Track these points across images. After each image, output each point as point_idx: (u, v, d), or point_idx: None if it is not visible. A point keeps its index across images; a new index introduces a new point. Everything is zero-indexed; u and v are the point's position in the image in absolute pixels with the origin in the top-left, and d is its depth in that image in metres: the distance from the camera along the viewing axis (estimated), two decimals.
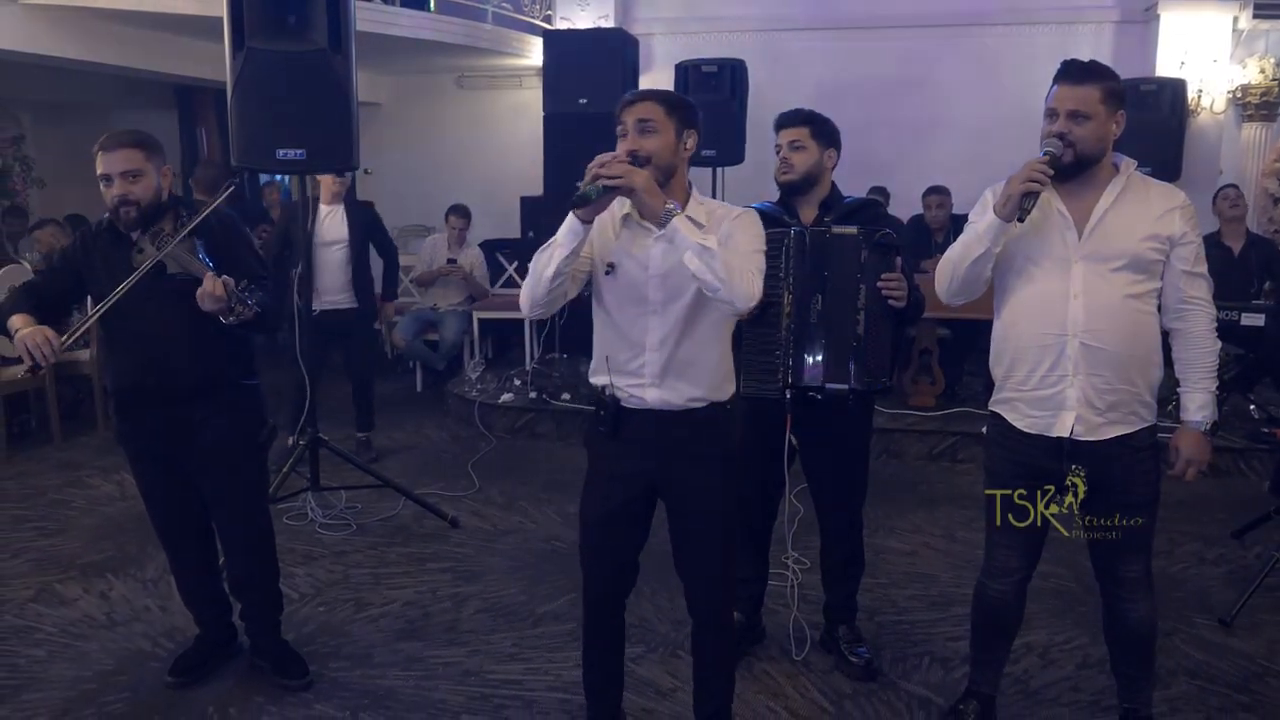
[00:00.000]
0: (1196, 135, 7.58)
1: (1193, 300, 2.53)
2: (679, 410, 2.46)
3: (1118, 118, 2.47)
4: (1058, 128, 2.46)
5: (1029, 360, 2.56)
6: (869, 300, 2.99)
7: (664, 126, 2.39)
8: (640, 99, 2.43)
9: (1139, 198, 2.50)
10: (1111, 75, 2.48)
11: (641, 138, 2.38)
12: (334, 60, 4.02)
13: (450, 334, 7.09)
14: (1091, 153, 2.46)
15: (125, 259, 2.85)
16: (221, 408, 2.99)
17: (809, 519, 3.53)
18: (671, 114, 2.40)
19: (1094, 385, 2.49)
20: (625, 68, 6.95)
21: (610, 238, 2.47)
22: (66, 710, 3.03)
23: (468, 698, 3.13)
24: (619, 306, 2.47)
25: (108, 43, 6.50)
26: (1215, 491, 5.06)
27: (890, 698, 3.13)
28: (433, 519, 4.58)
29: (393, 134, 9.07)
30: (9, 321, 2.84)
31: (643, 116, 2.39)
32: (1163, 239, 2.48)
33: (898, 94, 8.10)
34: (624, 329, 2.47)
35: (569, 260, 2.35)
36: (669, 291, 2.42)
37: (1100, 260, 2.47)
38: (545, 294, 2.39)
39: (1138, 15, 7.89)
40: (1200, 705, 3.10)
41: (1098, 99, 2.43)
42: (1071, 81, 2.45)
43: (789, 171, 3.08)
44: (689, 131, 2.43)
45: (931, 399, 5.92)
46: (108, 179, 2.84)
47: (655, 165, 2.37)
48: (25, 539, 4.40)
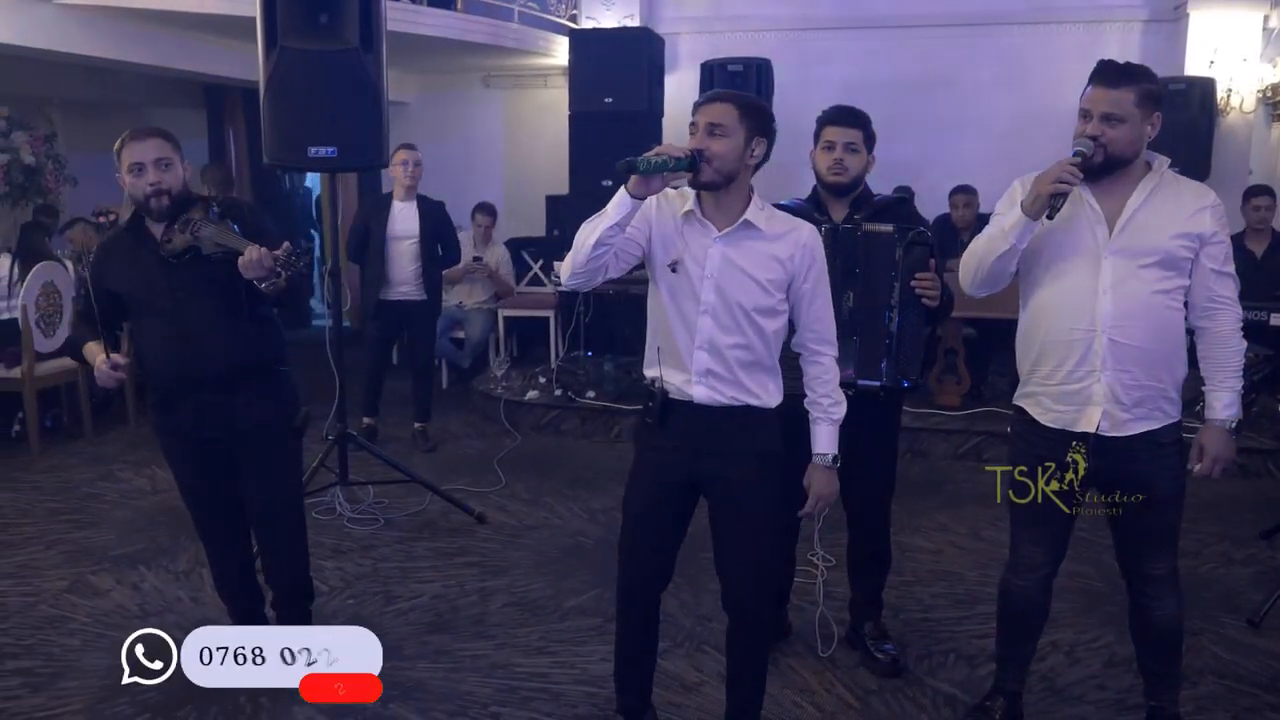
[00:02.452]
0: (1225, 135, 7.52)
1: (1220, 299, 2.53)
2: (723, 408, 2.48)
3: (1153, 119, 2.46)
4: (1091, 129, 2.45)
5: (1056, 355, 2.56)
6: (902, 298, 2.99)
7: (734, 131, 2.38)
8: (715, 99, 2.43)
9: (1171, 195, 2.50)
10: (1148, 77, 2.46)
11: (710, 139, 2.38)
12: (365, 59, 4.07)
13: (476, 332, 7.13)
14: (1123, 155, 2.46)
15: (152, 255, 2.91)
16: (260, 393, 3.03)
17: (836, 516, 3.53)
18: (744, 119, 2.39)
19: (1121, 381, 2.49)
20: (651, 67, 6.99)
21: (674, 234, 2.48)
22: (102, 699, 3.07)
23: (495, 690, 3.15)
24: (673, 302, 2.49)
25: (139, 42, 6.56)
26: (1244, 492, 5.03)
27: (916, 694, 3.14)
28: (459, 514, 4.62)
29: (420, 133, 9.05)
30: (85, 352, 2.98)
31: (714, 119, 2.38)
32: (1193, 237, 2.48)
33: (924, 93, 8.06)
34: (676, 325, 2.49)
35: (613, 232, 2.36)
36: (722, 295, 2.44)
37: (1130, 256, 2.47)
38: (585, 262, 2.40)
39: (1167, 14, 7.84)
40: (1228, 705, 3.09)
41: (1132, 102, 2.42)
42: (1106, 84, 2.44)
43: (842, 174, 3.04)
44: (759, 139, 2.42)
45: (957, 398, 5.92)
46: (140, 168, 2.86)
47: (717, 169, 2.38)
48: (59, 531, 4.46)
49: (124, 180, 2.90)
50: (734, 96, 2.43)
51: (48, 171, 6.95)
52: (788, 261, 2.45)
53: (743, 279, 2.43)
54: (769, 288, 2.44)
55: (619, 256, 2.45)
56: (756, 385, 2.49)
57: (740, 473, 2.50)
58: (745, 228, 2.44)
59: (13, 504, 4.81)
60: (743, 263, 2.44)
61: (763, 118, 2.44)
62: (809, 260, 2.47)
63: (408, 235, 5.71)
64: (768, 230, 2.45)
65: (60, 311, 5.70)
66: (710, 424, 2.49)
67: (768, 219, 2.47)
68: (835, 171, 3.04)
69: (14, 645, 3.41)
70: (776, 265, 2.45)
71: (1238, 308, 2.55)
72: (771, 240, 2.45)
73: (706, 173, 2.38)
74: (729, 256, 2.43)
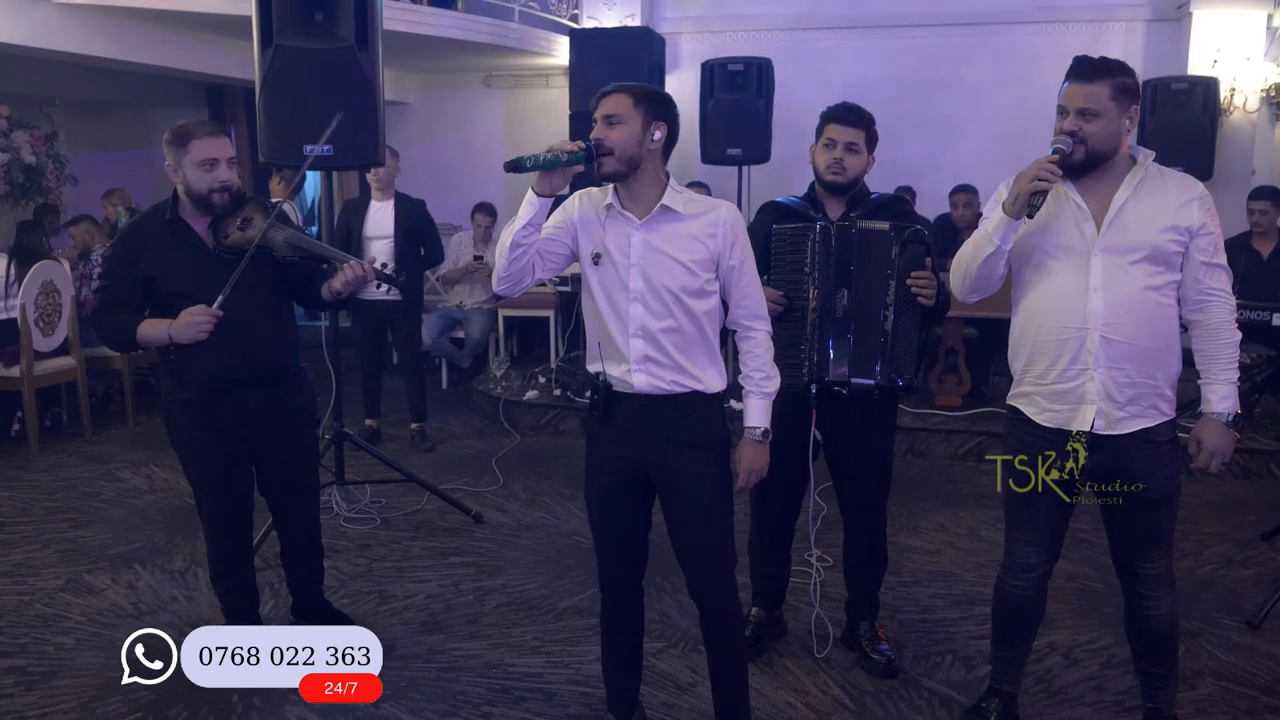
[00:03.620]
0: (1229, 134, 7.49)
1: (1211, 292, 2.51)
2: (663, 395, 2.51)
3: (1131, 113, 2.46)
4: (1068, 125, 2.45)
5: (1048, 354, 2.54)
6: (898, 297, 2.98)
7: (629, 118, 2.43)
8: (609, 92, 2.48)
9: (1157, 189, 2.48)
10: (1122, 70, 2.46)
11: (606, 129, 2.44)
12: (361, 57, 4.05)
13: (475, 331, 7.12)
14: (1102, 149, 2.45)
15: (197, 249, 2.98)
16: (294, 387, 3.19)
17: (833, 517, 3.52)
18: (638, 106, 2.44)
19: (1114, 379, 2.48)
20: (652, 67, 6.97)
21: (597, 227, 2.53)
22: (94, 697, 3.06)
23: (489, 690, 3.14)
24: (603, 294, 2.53)
25: (139, 42, 6.57)
26: (1245, 493, 5.01)
27: (912, 695, 3.12)
28: (456, 514, 4.61)
29: (420, 133, 9.11)
30: (139, 335, 2.97)
31: (609, 111, 2.44)
32: (1181, 230, 2.46)
33: (925, 93, 8.04)
34: (609, 316, 2.53)
35: (526, 232, 2.45)
36: (648, 281, 2.48)
37: (1119, 253, 2.46)
38: (506, 265, 2.49)
39: (1170, 13, 7.81)
40: (1227, 707, 3.06)
41: (1107, 95, 2.42)
42: (1081, 79, 2.44)
43: (841, 174, 3.03)
44: (657, 123, 2.46)
45: (957, 398, 5.90)
46: (213, 163, 2.94)
47: (619, 158, 2.43)
48: (55, 530, 4.46)
49: (183, 172, 2.96)
50: (627, 87, 2.48)
51: (49, 171, 6.96)
52: (709, 240, 2.49)
53: (667, 262, 2.47)
54: (693, 268, 2.48)
55: (543, 257, 2.53)
56: (696, 369, 2.52)
57: (685, 460, 2.53)
58: (663, 212, 2.48)
59: (10, 503, 4.81)
60: (665, 246, 2.47)
61: (659, 102, 2.48)
62: (731, 237, 2.50)
63: (382, 234, 5.67)
64: (686, 212, 2.49)
65: (59, 310, 5.70)
66: (653, 413, 2.52)
67: (685, 202, 2.51)
68: (834, 170, 3.02)
69: (8, 644, 3.40)
70: (698, 245, 2.48)
71: (1230, 300, 2.53)
72: (690, 221, 2.49)
73: (608, 164, 2.43)
74: (650, 242, 2.48)
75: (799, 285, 3.01)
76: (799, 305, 3.00)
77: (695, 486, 2.54)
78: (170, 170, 3.00)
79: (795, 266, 3.02)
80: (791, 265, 3.02)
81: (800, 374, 3.01)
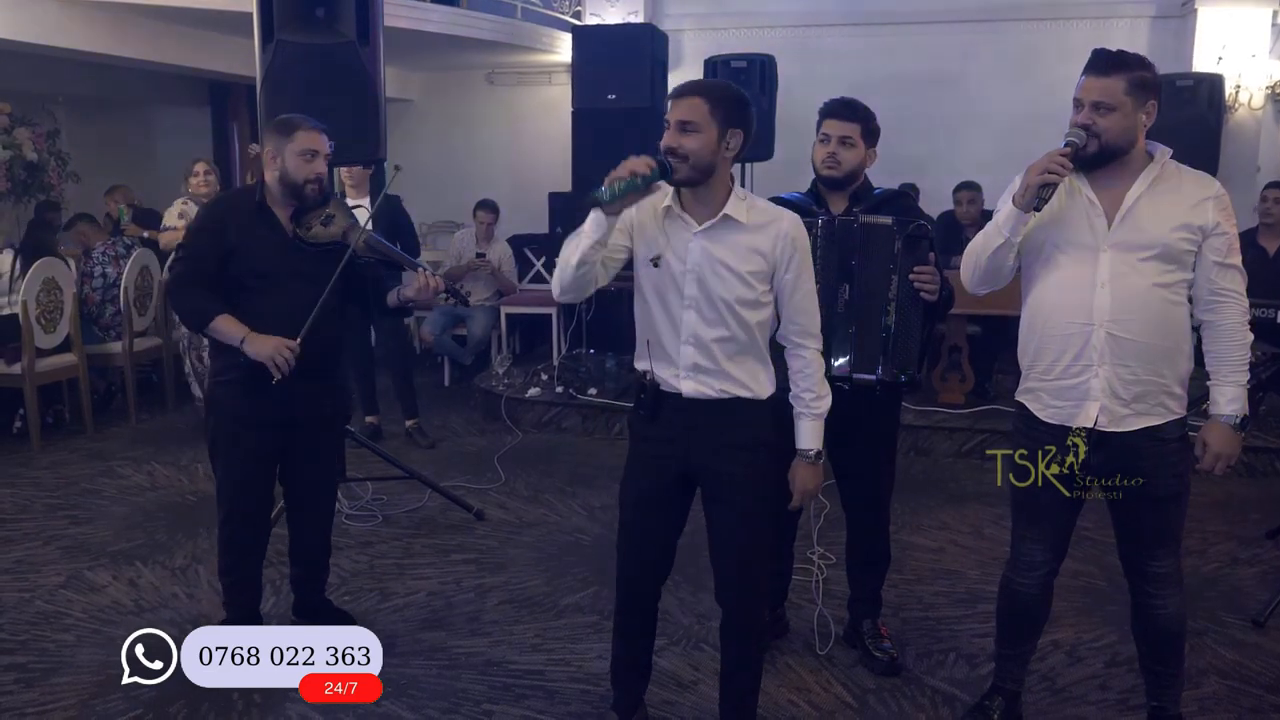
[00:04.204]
0: (1234, 131, 7.46)
1: (1224, 292, 2.48)
2: (712, 400, 2.46)
3: (1148, 108, 2.42)
4: (1082, 118, 2.42)
5: (1053, 349, 2.53)
6: (900, 292, 2.96)
7: (706, 125, 2.33)
8: (686, 93, 2.36)
9: (1172, 187, 2.46)
10: (1141, 65, 2.42)
11: (682, 135, 2.34)
12: (362, 52, 4.05)
13: (478, 329, 7.11)
14: (1117, 143, 2.42)
15: (278, 235, 3.07)
16: (336, 387, 3.32)
17: (836, 515, 3.51)
18: (715, 111, 2.33)
19: (1119, 376, 2.46)
20: (654, 63, 6.94)
21: (655, 229, 2.46)
22: (94, 694, 3.06)
23: (490, 687, 3.13)
24: (657, 297, 2.47)
25: (142, 38, 6.56)
26: (1250, 491, 4.99)
27: (914, 693, 3.10)
28: (458, 511, 4.60)
29: (423, 130, 9.10)
30: (215, 323, 3.02)
31: (684, 116, 2.34)
32: (1195, 229, 2.43)
33: (929, 90, 8.02)
34: (660, 320, 2.48)
35: (594, 250, 2.37)
36: (704, 289, 2.42)
37: (1129, 249, 2.43)
38: (572, 281, 2.43)
39: (1174, 9, 7.79)
40: (1232, 706, 3.05)
41: (1122, 90, 2.39)
42: (1097, 72, 2.41)
43: (835, 168, 3.02)
44: (734, 131, 2.37)
45: (961, 396, 5.88)
46: (314, 154, 3.05)
47: (692, 166, 2.35)
48: (57, 527, 4.45)
49: (283, 159, 3.04)
50: (705, 88, 2.37)
51: (50, 168, 6.95)
52: (769, 253, 2.42)
53: (724, 272, 2.40)
54: (750, 280, 2.41)
55: (606, 266, 2.45)
56: (746, 376, 2.47)
57: (732, 464, 2.48)
58: (725, 221, 2.41)
59: (12, 499, 4.80)
60: (723, 255, 2.40)
61: (736, 107, 2.38)
62: (790, 250, 2.43)
63: None
64: (748, 222, 2.41)
65: (61, 308, 5.69)
66: (701, 416, 2.47)
67: (749, 210, 2.43)
68: (828, 165, 3.01)
69: (8, 640, 3.39)
70: (758, 257, 2.41)
71: (1243, 301, 2.50)
72: (752, 232, 2.41)
73: (681, 171, 2.35)
74: (709, 250, 2.41)
75: None
76: None
77: (737, 490, 2.50)
78: (268, 156, 3.08)
79: None
80: None
81: None
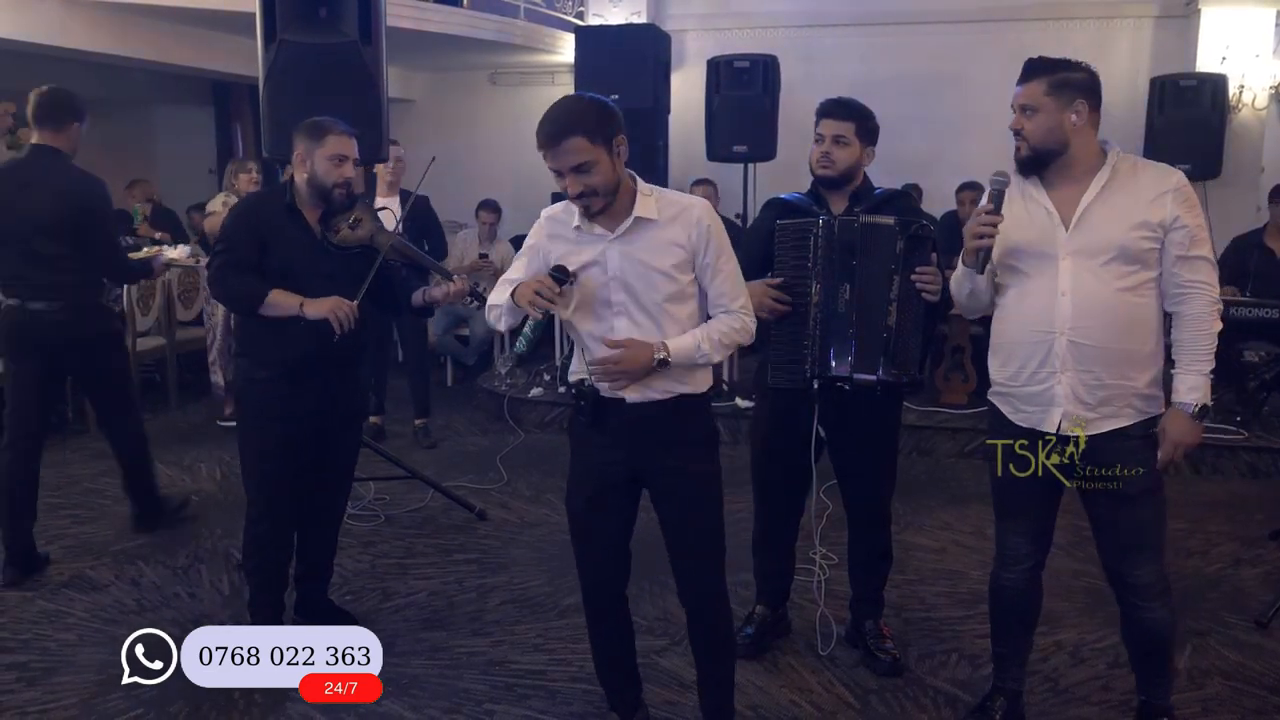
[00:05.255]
0: (1238, 131, 7.44)
1: (1190, 284, 2.47)
2: (656, 402, 2.46)
3: (1076, 107, 2.46)
4: (1012, 124, 2.53)
5: (1019, 357, 2.56)
6: (901, 292, 2.96)
7: (596, 154, 2.29)
8: (558, 137, 2.28)
9: (1127, 185, 2.47)
10: (1065, 67, 2.49)
11: (583, 176, 2.31)
12: (365, 52, 4.05)
13: (480, 329, 7.11)
14: (1044, 144, 2.48)
15: (307, 236, 3.14)
16: (358, 384, 3.38)
17: (838, 515, 3.50)
18: (596, 140, 2.29)
19: (1083, 381, 2.48)
20: (657, 64, 6.96)
21: (569, 248, 2.46)
22: (95, 694, 3.06)
23: (491, 687, 3.13)
24: (586, 310, 2.47)
25: (145, 38, 6.57)
26: (1253, 492, 4.98)
27: (916, 694, 3.10)
28: (460, 511, 4.60)
29: (426, 131, 9.10)
30: (270, 299, 3.06)
31: (575, 161, 2.29)
32: (1153, 225, 2.43)
33: (932, 90, 8.01)
34: (594, 330, 2.48)
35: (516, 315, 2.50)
36: (631, 294, 2.43)
37: (1088, 254, 2.46)
38: (504, 327, 2.58)
39: (1178, 10, 7.77)
40: (1235, 707, 3.04)
41: (1042, 91, 2.47)
42: (1021, 79, 2.53)
43: (829, 167, 3.02)
44: (616, 139, 2.34)
45: (963, 396, 5.87)
46: (343, 159, 3.12)
47: (604, 195, 2.34)
48: (60, 526, 4.45)
49: (312, 163, 3.10)
50: (573, 123, 2.29)
51: None
52: (685, 242, 2.42)
53: (646, 272, 2.40)
54: (673, 273, 2.42)
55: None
56: (684, 372, 2.47)
57: (680, 461, 2.50)
58: (637, 223, 2.40)
59: None
60: (642, 256, 2.41)
61: (607, 120, 2.34)
62: (705, 236, 2.42)
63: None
64: (660, 218, 2.41)
65: None
66: (644, 418, 2.47)
67: (658, 205, 2.42)
68: (823, 164, 3.03)
69: (10, 639, 3.39)
70: (676, 249, 2.41)
71: (1211, 291, 2.48)
72: (665, 226, 2.41)
73: (597, 204, 2.35)
74: (627, 253, 2.41)
75: (802, 281, 2.98)
76: (802, 301, 2.98)
77: (685, 485, 2.52)
78: (298, 159, 3.13)
79: (798, 262, 2.99)
80: (795, 261, 3.00)
81: (803, 370, 2.99)
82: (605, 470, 2.55)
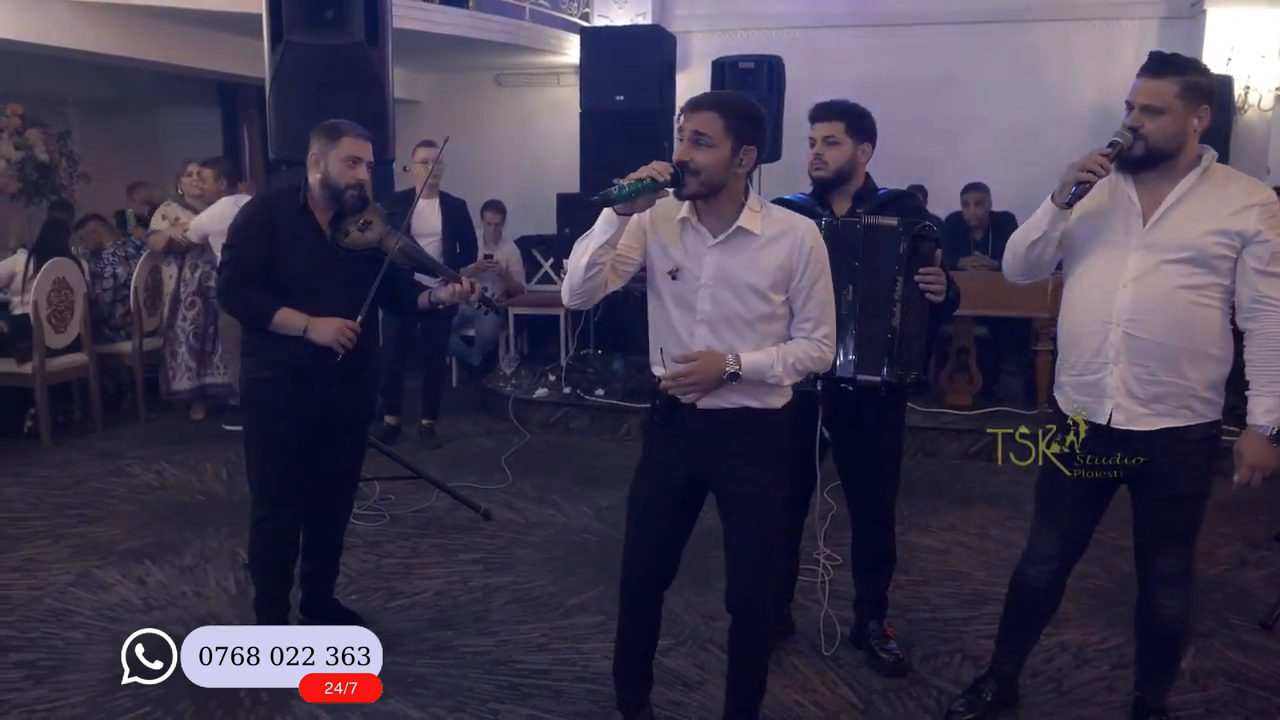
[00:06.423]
0: (1244, 133, 7.43)
1: (1266, 300, 2.43)
2: (726, 410, 2.45)
3: (1200, 112, 2.42)
4: (1131, 120, 2.43)
5: (1078, 345, 2.56)
6: (905, 293, 2.96)
7: (720, 140, 2.31)
8: (703, 106, 2.33)
9: (1215, 192, 2.44)
10: (1194, 69, 2.43)
11: (694, 149, 2.32)
12: (371, 54, 4.06)
13: (486, 329, 7.13)
14: (1164, 147, 2.42)
15: (318, 239, 3.13)
16: (365, 387, 3.36)
17: (842, 516, 3.50)
18: (730, 128, 2.31)
19: (1135, 375, 2.47)
20: (662, 65, 6.95)
21: (672, 240, 2.44)
22: (102, 692, 3.07)
23: (495, 686, 3.14)
24: (674, 308, 2.46)
25: (152, 40, 6.59)
26: (1257, 493, 4.85)
27: (920, 694, 3.10)
28: (465, 511, 4.61)
29: (432, 131, 9.03)
30: (277, 318, 3.06)
31: (699, 128, 2.31)
32: (1233, 235, 2.41)
33: (937, 91, 8.01)
34: (676, 329, 2.47)
35: (603, 251, 2.35)
36: (718, 305, 2.41)
37: (1159, 251, 2.44)
38: (581, 283, 2.40)
39: (1184, 10, 7.76)
40: (1239, 708, 3.04)
41: (1173, 93, 2.38)
42: (1149, 74, 2.42)
43: (821, 168, 3.04)
44: (747, 148, 2.35)
45: (968, 398, 5.87)
46: (356, 160, 3.10)
47: (702, 181, 2.33)
48: (66, 525, 4.47)
49: (326, 163, 3.09)
50: (720, 103, 2.34)
51: (61, 169, 6.98)
52: (786, 264, 2.39)
53: (740, 289, 2.39)
54: (768, 294, 2.40)
55: (616, 271, 2.43)
56: (757, 388, 2.45)
57: (746, 470, 2.48)
58: (738, 233, 2.39)
59: (21, 498, 4.82)
60: (739, 271, 2.39)
61: (752, 124, 2.35)
62: (806, 257, 2.40)
63: (431, 232, 5.69)
64: (763, 234, 2.39)
65: (71, 308, 5.72)
66: (715, 424, 2.46)
67: (763, 221, 2.40)
68: (815, 166, 3.04)
69: (17, 638, 3.41)
70: (775, 269, 2.39)
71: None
72: (767, 244, 2.39)
73: (691, 185, 2.33)
74: (724, 265, 2.39)
75: None
76: None
77: (751, 499, 2.50)
78: (312, 159, 3.12)
79: None
80: None
81: None
82: (667, 470, 2.55)
